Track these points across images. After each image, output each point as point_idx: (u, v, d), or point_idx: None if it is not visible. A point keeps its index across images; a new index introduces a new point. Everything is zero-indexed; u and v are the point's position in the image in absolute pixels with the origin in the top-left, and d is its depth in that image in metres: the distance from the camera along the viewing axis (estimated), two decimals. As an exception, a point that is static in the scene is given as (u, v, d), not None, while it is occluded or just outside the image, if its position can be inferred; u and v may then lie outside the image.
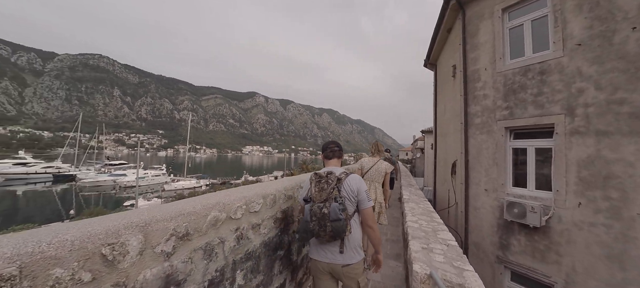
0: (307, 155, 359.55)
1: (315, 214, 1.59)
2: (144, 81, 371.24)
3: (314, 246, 1.78)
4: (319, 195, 1.64)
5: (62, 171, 55.55)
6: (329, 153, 1.98)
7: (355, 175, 1.75)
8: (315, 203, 1.62)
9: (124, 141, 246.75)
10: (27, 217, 28.44)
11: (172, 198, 32.24)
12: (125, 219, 0.97)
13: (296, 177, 2.70)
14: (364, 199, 1.68)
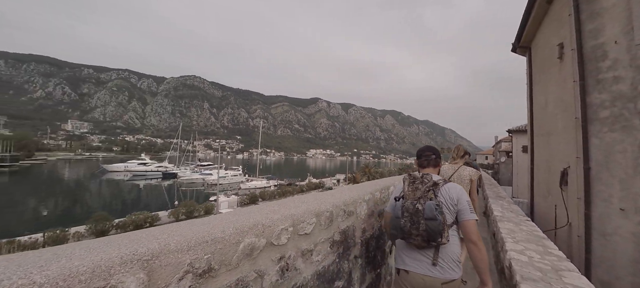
0: (369, 158, 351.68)
1: (407, 210, 1.49)
2: (225, 94, 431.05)
3: (402, 254, 1.61)
4: (412, 194, 1.54)
5: (168, 170, 69.01)
6: (423, 161, 1.83)
7: (455, 184, 1.63)
8: (407, 200, 1.53)
9: (211, 145, 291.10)
10: (145, 205, 36.28)
11: (246, 196, 36.06)
12: (127, 249, 0.72)
13: (359, 187, 2.31)
14: (466, 209, 1.51)
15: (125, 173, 70.48)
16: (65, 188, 55.81)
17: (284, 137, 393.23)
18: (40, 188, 55.23)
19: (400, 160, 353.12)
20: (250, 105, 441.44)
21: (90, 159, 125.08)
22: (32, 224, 26.73)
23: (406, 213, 1.48)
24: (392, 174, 56.77)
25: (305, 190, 46.88)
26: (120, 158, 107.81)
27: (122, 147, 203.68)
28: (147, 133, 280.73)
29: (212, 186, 55.50)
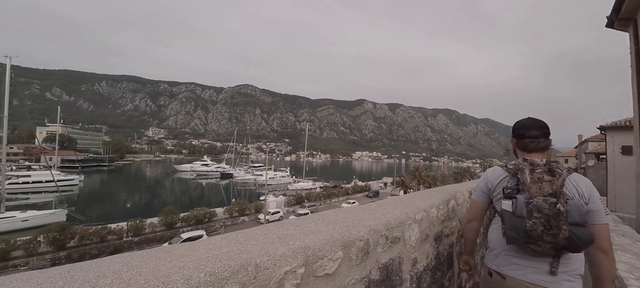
0: (419, 161, 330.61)
1: (540, 210, 1.13)
2: (275, 100, 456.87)
3: (504, 254, 1.31)
4: (538, 187, 1.19)
5: (225, 170, 75.99)
6: (528, 143, 1.39)
7: (580, 175, 1.31)
8: (536, 197, 1.17)
9: (262, 148, 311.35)
10: (207, 202, 40.56)
11: (293, 196, 37.37)
12: None
13: (406, 201, 1.80)
14: (600, 210, 1.21)
15: (191, 172, 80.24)
16: (147, 185, 66.13)
17: (329, 139, 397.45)
18: (129, 184, 66.61)
19: (456, 163, 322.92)
20: (298, 109, 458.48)
21: (165, 161, 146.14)
22: (122, 212, 32.17)
23: (537, 214, 1.13)
24: (447, 179, 51.77)
25: (350, 192, 46.29)
26: (188, 160, 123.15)
27: (189, 150, 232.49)
28: (208, 137, 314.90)
29: (263, 186, 59.10)
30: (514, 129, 1.50)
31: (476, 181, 1.83)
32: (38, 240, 15.75)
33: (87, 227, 18.20)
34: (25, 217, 23.41)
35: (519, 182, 1.26)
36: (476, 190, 1.52)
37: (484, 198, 1.48)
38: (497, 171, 1.44)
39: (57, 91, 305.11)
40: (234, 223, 25.18)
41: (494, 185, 1.41)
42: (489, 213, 1.54)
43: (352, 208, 1.51)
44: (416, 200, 1.82)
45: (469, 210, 1.61)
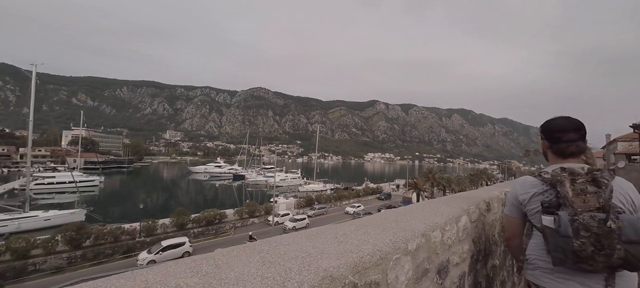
0: (433, 163, 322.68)
1: (588, 228, 0.99)
2: (287, 102, 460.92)
3: (557, 273, 1.14)
4: (582, 200, 1.05)
5: (237, 172, 77.08)
6: (565, 147, 1.23)
7: (623, 179, 1.16)
8: (581, 213, 1.03)
9: (275, 150, 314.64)
10: (221, 204, 41.09)
11: (303, 198, 37.22)
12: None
13: (402, 215, 1.43)
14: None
15: (204, 174, 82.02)
16: (163, 186, 68.16)
17: (341, 141, 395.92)
18: (146, 185, 68.90)
19: (472, 165, 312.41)
20: (309, 111, 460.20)
21: (180, 162, 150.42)
22: (138, 212, 33.00)
23: (585, 233, 0.99)
24: (462, 181, 49.89)
25: (361, 194, 45.59)
26: (202, 162, 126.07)
27: (204, 152, 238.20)
28: (222, 139, 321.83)
29: (274, 188, 59.45)
30: (546, 130, 1.30)
31: (495, 187, 1.65)
32: (56, 239, 16.36)
33: (102, 227, 18.76)
34: (47, 216, 24.53)
35: (559, 195, 1.11)
36: (507, 203, 1.38)
37: (517, 212, 1.33)
38: (528, 181, 1.26)
39: (82, 96, 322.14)
40: (244, 224, 25.29)
41: (526, 198, 1.25)
42: (526, 227, 1.36)
43: (315, 233, 1.09)
44: (413, 219, 1.35)
45: (506, 227, 1.44)
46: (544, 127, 1.32)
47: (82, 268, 15.60)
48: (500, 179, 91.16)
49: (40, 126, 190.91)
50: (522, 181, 1.30)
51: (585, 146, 1.24)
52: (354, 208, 34.58)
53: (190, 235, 21.05)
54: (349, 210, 33.98)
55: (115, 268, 15.87)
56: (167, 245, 17.34)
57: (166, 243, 17.64)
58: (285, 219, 27.62)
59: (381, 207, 35.98)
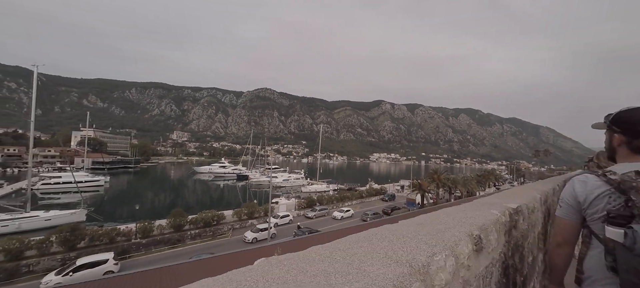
0: (440, 163, 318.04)
1: None
2: (292, 102, 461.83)
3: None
4: None
5: (241, 172, 77.08)
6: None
7: None
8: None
9: (280, 150, 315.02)
10: (224, 204, 40.91)
11: (304, 199, 36.65)
12: None
13: (391, 237, 0.97)
14: None
15: (209, 174, 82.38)
16: (167, 186, 68.55)
17: (346, 141, 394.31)
18: (151, 185, 69.43)
19: (479, 165, 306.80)
20: (314, 111, 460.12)
21: (187, 163, 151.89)
22: (140, 213, 32.89)
23: None
24: (469, 182, 48.55)
25: (365, 195, 44.77)
26: (208, 162, 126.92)
27: (210, 152, 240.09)
28: (229, 140, 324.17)
29: (277, 188, 59.19)
30: (625, 122, 1.11)
31: (511, 190, 1.59)
32: (51, 240, 16.18)
33: (97, 228, 18.55)
34: (48, 216, 24.56)
35: (632, 204, 0.93)
36: (561, 204, 1.19)
37: (574, 215, 1.14)
38: (592, 181, 1.08)
39: (92, 98, 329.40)
40: (243, 226, 24.85)
41: (588, 200, 1.07)
42: (584, 235, 1.15)
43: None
44: (409, 243, 0.85)
45: (557, 230, 1.24)
46: (623, 118, 1.12)
47: (75, 270, 15.38)
48: (509, 179, 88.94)
49: (52, 127, 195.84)
50: (582, 180, 1.12)
51: None
52: (342, 212, 31.19)
53: (187, 236, 20.72)
54: (337, 214, 30.75)
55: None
56: (82, 264, 14.28)
57: (82, 261, 14.54)
58: (284, 221, 27.08)
59: (386, 208, 35.10)
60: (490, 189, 60.33)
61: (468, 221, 1.07)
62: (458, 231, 0.99)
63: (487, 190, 56.81)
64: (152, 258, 17.20)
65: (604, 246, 0.99)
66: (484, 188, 57.44)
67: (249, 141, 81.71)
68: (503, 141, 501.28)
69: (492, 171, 75.22)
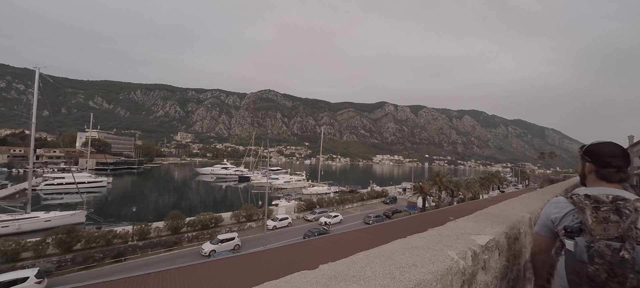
0: (444, 165, 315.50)
1: (602, 256, 1.06)
2: (295, 104, 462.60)
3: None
4: (602, 229, 1.11)
5: (243, 174, 77.09)
6: (614, 173, 1.29)
7: None
8: (598, 240, 1.09)
9: (283, 152, 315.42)
10: (225, 205, 40.92)
11: (304, 202, 36.37)
12: None
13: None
14: None
15: (211, 175, 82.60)
16: (169, 187, 68.83)
17: (349, 143, 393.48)
18: (153, 186, 69.76)
19: (483, 167, 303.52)
20: (317, 113, 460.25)
21: (190, 164, 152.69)
22: (140, 214, 32.96)
23: (599, 260, 1.07)
24: (472, 186, 47.71)
25: (366, 198, 44.36)
26: (211, 163, 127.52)
27: (213, 153, 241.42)
28: (232, 141, 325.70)
29: (279, 190, 59.08)
30: (595, 153, 1.33)
31: (498, 207, 1.63)
32: (47, 242, 16.17)
33: (94, 230, 18.53)
34: (48, 217, 24.69)
35: (581, 221, 1.19)
36: (538, 222, 1.45)
37: (547, 232, 1.40)
38: (561, 203, 1.32)
39: (98, 99, 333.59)
40: (241, 229, 24.66)
41: (557, 218, 1.31)
42: (557, 246, 1.39)
43: None
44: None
45: (535, 242, 1.51)
46: (593, 150, 1.35)
47: (69, 273, 15.33)
48: (514, 182, 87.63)
49: (58, 128, 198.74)
50: (555, 202, 1.37)
51: (629, 175, 1.30)
52: (330, 217, 29.05)
53: (185, 239, 20.61)
54: (324, 219, 28.56)
55: (104, 273, 15.52)
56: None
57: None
58: (283, 223, 26.85)
59: (387, 211, 34.71)
60: (494, 192, 59.49)
61: (401, 277, 0.86)
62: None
63: (490, 193, 55.99)
64: (148, 261, 17.11)
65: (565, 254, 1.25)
66: (488, 191, 56.62)
67: (251, 143, 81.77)
68: (508, 143, 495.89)
69: (496, 174, 74.11)
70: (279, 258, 10.82)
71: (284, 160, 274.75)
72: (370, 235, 13.29)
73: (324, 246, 11.55)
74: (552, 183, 37.81)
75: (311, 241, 13.59)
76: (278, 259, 10.69)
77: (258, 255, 11.67)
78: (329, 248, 11.19)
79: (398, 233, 13.08)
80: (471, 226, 1.57)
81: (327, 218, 28.94)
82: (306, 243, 12.85)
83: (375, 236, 12.57)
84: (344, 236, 13.65)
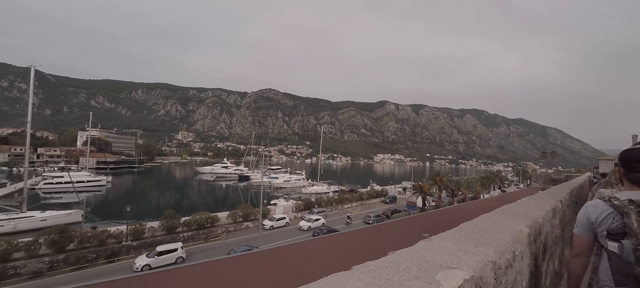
0: (445, 164, 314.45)
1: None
2: (296, 103, 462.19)
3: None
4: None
5: (243, 173, 76.92)
6: (633, 177, 1.40)
7: None
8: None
9: (284, 151, 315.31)
10: (229, 205, 40.62)
11: (302, 201, 36.10)
12: None
13: None
14: None
15: (211, 174, 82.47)
16: (168, 186, 68.74)
17: (350, 142, 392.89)
18: (153, 185, 69.68)
19: (485, 166, 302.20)
20: (318, 112, 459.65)
21: (191, 163, 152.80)
22: (138, 213, 32.77)
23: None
24: (472, 185, 47.18)
25: (365, 197, 44.03)
26: (212, 162, 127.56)
27: (214, 152, 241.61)
28: (233, 140, 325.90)
29: (278, 189, 58.83)
30: (625, 159, 1.43)
31: (488, 220, 1.55)
32: (39, 242, 15.96)
33: (86, 230, 18.30)
34: (43, 217, 24.52)
35: (624, 224, 1.24)
36: (578, 224, 1.50)
37: (588, 233, 1.44)
38: (600, 206, 1.39)
39: (100, 99, 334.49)
40: (237, 228, 24.40)
41: (597, 220, 1.39)
42: (596, 248, 1.47)
43: None
44: None
45: (574, 245, 1.54)
46: (623, 155, 1.44)
47: (61, 274, 15.12)
48: (515, 182, 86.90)
49: (61, 127, 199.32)
50: (593, 205, 1.43)
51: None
52: (311, 221, 26.46)
53: (180, 239, 20.35)
54: (304, 224, 26.07)
55: (96, 274, 15.29)
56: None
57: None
58: (280, 223, 26.53)
59: (386, 211, 34.39)
60: (495, 192, 58.95)
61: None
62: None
63: (491, 193, 55.49)
64: (141, 261, 16.86)
65: (607, 255, 1.31)
66: (489, 190, 56.09)
67: (250, 142, 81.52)
68: (509, 143, 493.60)
69: (497, 173, 73.50)
70: (272, 260, 10.56)
71: (285, 159, 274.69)
72: (347, 242, 12.89)
73: (303, 256, 11.23)
74: (554, 183, 37.17)
75: (298, 244, 13.26)
76: (271, 261, 10.43)
77: (252, 257, 11.38)
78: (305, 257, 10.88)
79: (388, 237, 12.75)
80: (447, 251, 1.14)
81: (307, 221, 26.47)
82: (292, 246, 12.53)
83: (346, 245, 11.90)
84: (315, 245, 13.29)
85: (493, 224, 1.66)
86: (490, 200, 32.77)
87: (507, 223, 1.69)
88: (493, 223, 1.67)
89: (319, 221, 26.91)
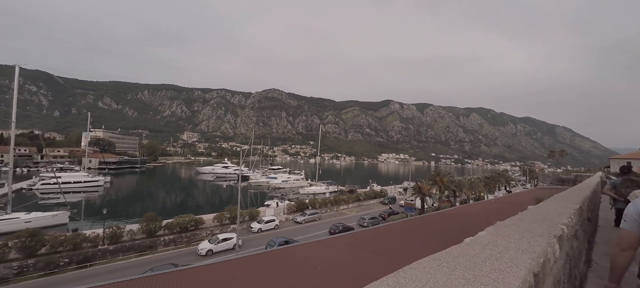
0: (450, 164, 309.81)
1: None
2: (300, 103, 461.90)
3: None
4: None
5: (242, 173, 76.43)
6: None
7: None
8: None
9: (288, 151, 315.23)
10: (226, 205, 39.79)
11: (294, 203, 35.09)
12: None
13: None
14: None
15: (211, 174, 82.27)
16: (167, 186, 68.52)
17: (354, 141, 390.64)
18: (152, 185, 69.61)
19: (491, 165, 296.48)
20: (322, 112, 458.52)
21: (194, 163, 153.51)
22: (133, 213, 32.22)
23: None
24: (475, 186, 45.41)
25: (363, 198, 42.73)
26: (215, 162, 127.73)
27: (218, 153, 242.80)
28: (237, 140, 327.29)
29: (276, 190, 58.03)
30: None
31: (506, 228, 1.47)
32: (8, 246, 15.32)
33: (60, 233, 17.61)
34: (28, 218, 24.06)
35: None
36: (626, 219, 1.54)
37: (637, 227, 1.48)
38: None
39: (107, 100, 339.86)
40: (224, 231, 23.52)
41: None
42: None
43: None
44: None
45: (621, 239, 1.56)
46: None
47: (28, 279, 14.43)
48: (522, 182, 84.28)
49: (69, 127, 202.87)
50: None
51: None
52: (262, 223, 25.01)
53: (160, 243, 19.57)
54: (255, 226, 24.90)
55: (66, 279, 14.55)
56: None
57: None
58: (269, 226, 25.53)
59: (382, 213, 33.15)
60: (500, 192, 56.88)
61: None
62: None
63: (496, 193, 53.51)
64: (116, 267, 16.11)
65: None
66: (493, 191, 54.09)
67: (250, 142, 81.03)
68: (517, 141, 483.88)
69: (503, 173, 71.14)
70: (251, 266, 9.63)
71: (289, 159, 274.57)
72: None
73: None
74: (562, 183, 35.08)
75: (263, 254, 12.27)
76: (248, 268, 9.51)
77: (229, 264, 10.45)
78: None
79: (369, 248, 11.63)
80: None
81: (258, 223, 25.23)
82: (265, 254, 11.54)
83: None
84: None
85: (485, 258, 1.07)
86: (494, 201, 31.24)
87: (502, 255, 1.10)
88: (485, 257, 1.08)
89: (271, 224, 25.55)
